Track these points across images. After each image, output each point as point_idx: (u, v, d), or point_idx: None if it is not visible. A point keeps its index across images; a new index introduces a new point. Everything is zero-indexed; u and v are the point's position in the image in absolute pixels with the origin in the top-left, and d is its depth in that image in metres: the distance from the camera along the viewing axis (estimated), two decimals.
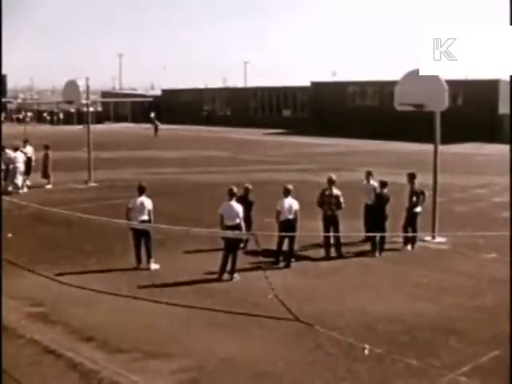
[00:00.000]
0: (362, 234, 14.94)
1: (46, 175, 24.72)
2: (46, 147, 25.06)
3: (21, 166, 22.69)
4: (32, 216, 17.50)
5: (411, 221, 14.88)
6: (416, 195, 14.91)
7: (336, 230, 14.03)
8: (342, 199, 14.08)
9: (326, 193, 14.16)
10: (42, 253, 14.36)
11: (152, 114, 52.53)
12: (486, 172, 29.05)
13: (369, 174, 15.73)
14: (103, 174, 26.96)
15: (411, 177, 15.17)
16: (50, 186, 24.56)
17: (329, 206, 14.05)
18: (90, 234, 15.73)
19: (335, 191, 14.16)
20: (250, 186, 14.31)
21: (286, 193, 13.65)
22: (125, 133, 58.56)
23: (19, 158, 22.83)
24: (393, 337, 9.52)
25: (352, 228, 14.96)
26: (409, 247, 14.81)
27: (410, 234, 14.73)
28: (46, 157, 24.78)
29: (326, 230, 14.08)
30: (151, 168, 30.35)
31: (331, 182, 14.25)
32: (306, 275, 12.86)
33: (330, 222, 14.08)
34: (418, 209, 14.89)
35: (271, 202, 14.15)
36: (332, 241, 14.11)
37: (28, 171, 24.19)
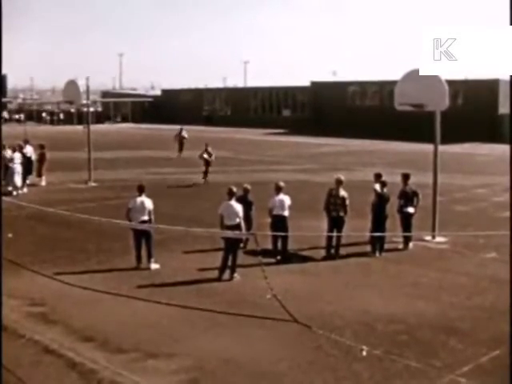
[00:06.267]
0: (359, 234, 14.90)
1: (40, 174, 24.87)
2: (41, 147, 25.19)
3: (17, 167, 22.67)
4: (32, 216, 17.50)
5: (402, 221, 14.90)
6: (406, 196, 14.91)
7: (339, 231, 14.02)
8: (347, 202, 14.05)
9: (333, 193, 14.14)
10: (42, 252, 14.37)
11: (184, 133, 36.17)
12: (485, 172, 29.06)
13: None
14: (103, 173, 26.97)
15: (405, 177, 15.17)
16: (43, 184, 24.69)
17: (334, 207, 14.03)
18: (90, 233, 15.73)
19: (342, 192, 14.11)
20: (249, 187, 14.34)
21: (278, 190, 13.98)
22: (131, 134, 58.50)
23: (16, 159, 22.82)
24: (393, 337, 9.52)
25: (354, 228, 14.91)
26: (410, 247, 14.82)
27: (408, 234, 14.75)
28: (42, 156, 24.92)
29: (330, 231, 14.06)
30: (151, 168, 30.37)
31: (339, 183, 14.22)
32: (306, 275, 12.86)
33: (335, 224, 14.07)
34: (410, 209, 14.88)
35: None
36: (333, 242, 14.09)
37: (29, 171, 24.24)
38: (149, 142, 47.73)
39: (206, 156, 26.09)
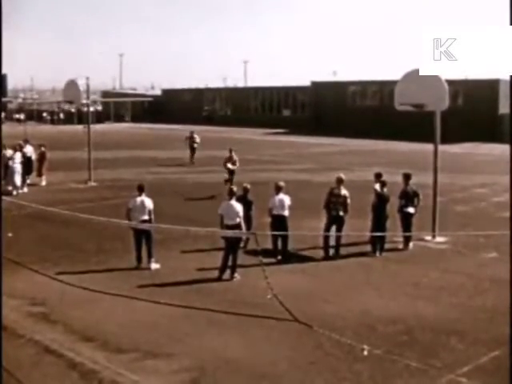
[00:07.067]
0: (359, 234, 14.89)
1: (40, 174, 24.88)
2: (41, 146, 25.23)
3: (17, 166, 22.67)
4: (32, 215, 17.50)
5: (403, 221, 14.91)
6: (407, 196, 14.92)
7: (339, 230, 14.02)
8: (348, 200, 14.06)
9: (335, 192, 14.16)
10: (42, 252, 14.37)
11: (195, 136, 33.23)
12: (486, 172, 29.05)
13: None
14: (103, 173, 26.98)
15: (406, 177, 15.18)
16: (44, 183, 24.71)
17: (334, 206, 14.03)
18: (90, 233, 15.74)
19: (343, 191, 14.13)
20: (249, 186, 14.36)
21: (278, 190, 14.02)
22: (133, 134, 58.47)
23: (16, 159, 22.82)
24: (393, 337, 9.52)
25: (355, 228, 14.92)
26: (410, 246, 14.82)
27: (409, 234, 14.75)
28: (42, 155, 24.94)
29: (327, 230, 14.06)
30: (151, 168, 30.35)
31: (340, 182, 14.24)
32: (307, 275, 12.87)
33: (334, 222, 14.06)
34: (410, 209, 14.88)
35: None
36: (332, 242, 14.08)
37: (29, 171, 24.25)
38: (149, 141, 47.68)
39: (230, 166, 23.57)
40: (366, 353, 8.87)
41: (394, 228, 14.90)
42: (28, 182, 24.06)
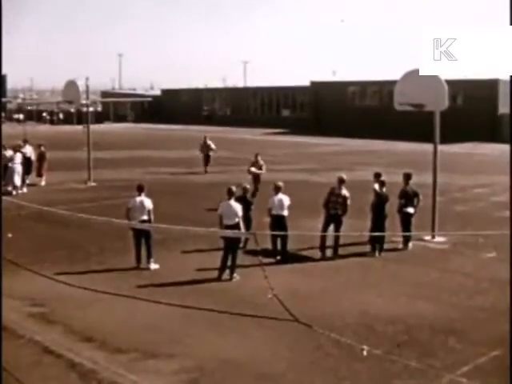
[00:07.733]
0: (358, 234, 14.88)
1: (40, 174, 24.89)
2: (41, 146, 25.23)
3: (17, 167, 22.67)
4: (32, 216, 17.50)
5: (402, 221, 14.91)
6: (406, 196, 14.92)
7: (337, 229, 14.02)
8: (349, 201, 14.07)
9: (335, 191, 14.17)
10: (42, 252, 14.36)
11: (210, 143, 29.65)
12: (485, 172, 29.05)
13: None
14: (103, 173, 26.96)
15: (407, 177, 15.18)
16: (43, 184, 24.75)
17: (334, 206, 14.05)
18: (89, 233, 15.73)
19: (344, 191, 14.15)
20: (248, 186, 14.37)
21: (277, 190, 14.03)
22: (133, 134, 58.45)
23: (16, 159, 22.82)
24: (393, 337, 9.52)
25: (354, 228, 14.91)
26: (409, 246, 14.82)
27: (408, 234, 14.74)
28: (41, 156, 24.95)
29: (324, 230, 14.06)
30: (151, 168, 30.34)
31: (341, 182, 14.25)
32: (306, 275, 12.87)
33: (332, 221, 14.06)
34: (410, 209, 14.88)
35: None
36: (330, 241, 14.06)
37: (28, 171, 24.25)
38: (149, 142, 47.67)
39: (253, 169, 21.49)
40: (365, 353, 8.87)
41: (393, 228, 14.90)
42: (27, 182, 24.05)
